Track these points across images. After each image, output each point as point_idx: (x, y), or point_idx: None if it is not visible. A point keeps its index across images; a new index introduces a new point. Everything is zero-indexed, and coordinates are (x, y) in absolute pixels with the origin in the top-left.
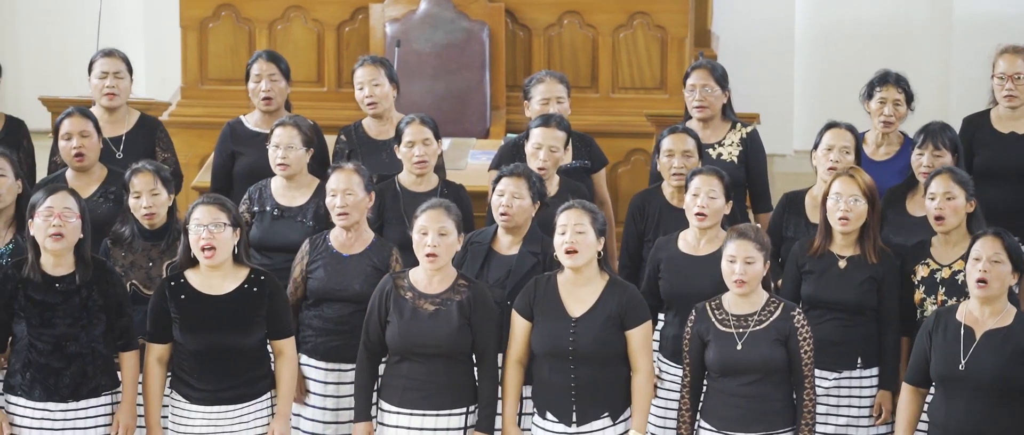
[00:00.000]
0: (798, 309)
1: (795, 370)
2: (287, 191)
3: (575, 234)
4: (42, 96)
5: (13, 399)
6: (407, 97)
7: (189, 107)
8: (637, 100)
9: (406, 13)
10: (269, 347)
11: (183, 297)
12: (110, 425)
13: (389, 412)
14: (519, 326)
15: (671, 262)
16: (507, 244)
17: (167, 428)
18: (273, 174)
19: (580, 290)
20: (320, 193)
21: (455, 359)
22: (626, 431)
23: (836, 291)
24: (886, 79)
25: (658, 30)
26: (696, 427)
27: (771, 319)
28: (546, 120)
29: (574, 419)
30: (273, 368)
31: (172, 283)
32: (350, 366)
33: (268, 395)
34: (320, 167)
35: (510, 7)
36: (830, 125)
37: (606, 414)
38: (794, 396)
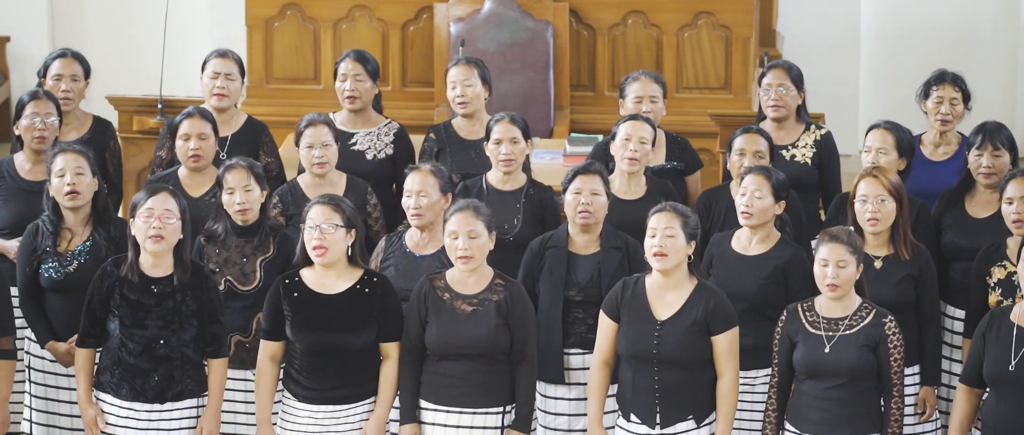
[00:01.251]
0: (890, 316)
1: (883, 377)
2: (320, 189)
3: (665, 237)
4: (109, 95)
5: (100, 395)
6: None
7: (254, 106)
8: (701, 100)
9: (471, 12)
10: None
11: (296, 295)
12: (194, 429)
13: (428, 409)
14: (606, 327)
15: (722, 259)
16: (584, 244)
17: (276, 424)
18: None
19: (668, 294)
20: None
21: (493, 358)
22: None
23: (874, 291)
24: (943, 78)
25: (723, 30)
26: (781, 429)
27: (861, 325)
28: (635, 116)
29: (658, 422)
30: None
31: (286, 281)
32: None
33: (375, 398)
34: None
35: (575, 6)
36: (872, 126)
37: (690, 417)
38: (882, 403)
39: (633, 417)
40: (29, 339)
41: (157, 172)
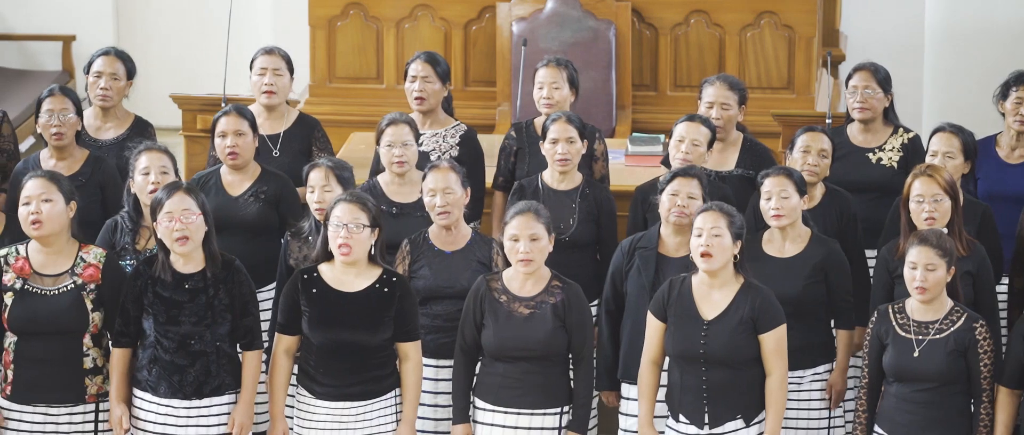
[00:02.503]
0: (982, 321)
1: (974, 381)
2: (400, 188)
3: (711, 237)
4: (173, 94)
5: (140, 394)
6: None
7: (317, 105)
8: (764, 100)
9: (533, 12)
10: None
11: (314, 291)
12: None
13: (484, 410)
14: (653, 327)
15: (759, 265)
16: (675, 246)
17: (291, 418)
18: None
19: (714, 293)
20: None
21: (550, 360)
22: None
23: (954, 293)
24: (1022, 79)
25: (786, 29)
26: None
27: (952, 329)
28: (692, 117)
29: (706, 422)
30: (398, 370)
31: (305, 276)
32: (452, 362)
33: (392, 394)
34: (472, 169)
35: (637, 6)
36: (937, 129)
37: (739, 417)
38: (972, 407)
39: (682, 417)
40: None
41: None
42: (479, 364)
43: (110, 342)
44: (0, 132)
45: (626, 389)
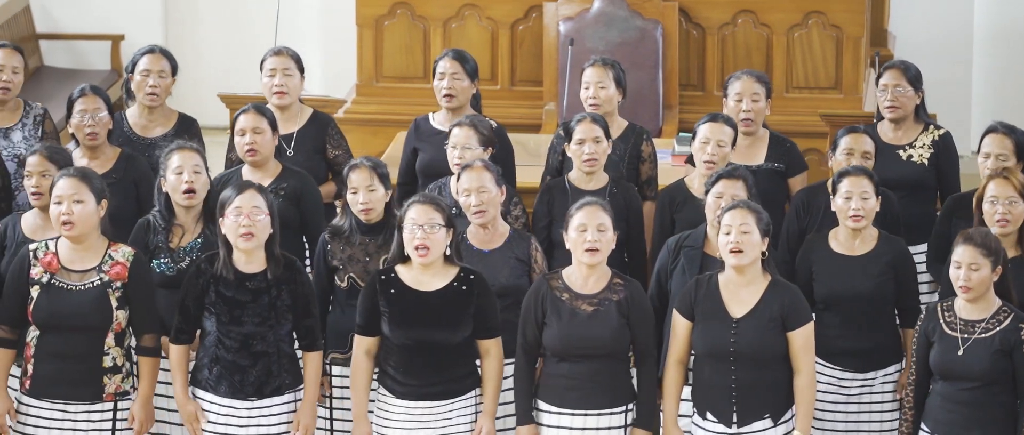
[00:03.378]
0: None
1: (1019, 381)
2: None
3: (740, 234)
4: (221, 93)
5: (199, 393)
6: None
7: (364, 104)
8: (811, 100)
9: (580, 11)
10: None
11: (393, 292)
12: (291, 422)
13: (548, 412)
14: (680, 326)
15: (825, 264)
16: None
17: (372, 421)
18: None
19: (742, 291)
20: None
21: (615, 358)
22: (788, 433)
23: (1004, 293)
24: None
25: (833, 29)
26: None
27: (998, 328)
28: (714, 117)
29: (735, 420)
30: (478, 370)
31: (383, 277)
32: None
33: (472, 393)
34: (503, 166)
35: (684, 5)
36: (989, 130)
37: (767, 415)
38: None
39: (709, 415)
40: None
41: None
42: (541, 364)
43: (155, 339)
44: (43, 129)
45: None
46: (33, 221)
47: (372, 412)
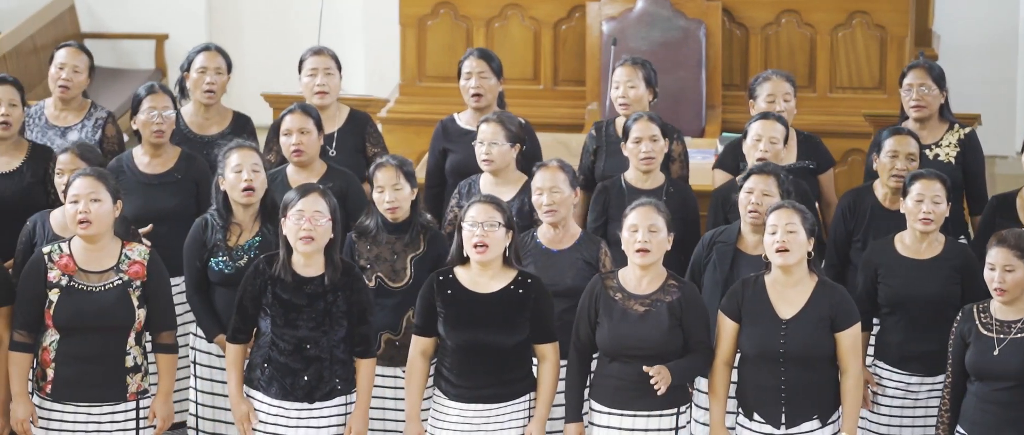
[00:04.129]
0: None
1: None
2: (495, 187)
3: (786, 233)
4: (264, 92)
5: (251, 392)
6: None
7: (407, 104)
8: (855, 100)
9: (623, 11)
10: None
11: (450, 293)
12: (342, 428)
13: (600, 412)
14: (726, 328)
15: (892, 267)
16: (754, 243)
17: (426, 422)
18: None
19: (789, 291)
20: (527, 190)
21: (666, 360)
22: (835, 434)
23: None
24: None
25: (878, 29)
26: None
27: None
28: (765, 115)
29: (783, 421)
30: (533, 373)
31: (440, 278)
32: (564, 361)
33: (526, 397)
34: (531, 163)
35: (727, 5)
36: None
37: (815, 417)
38: None
39: (757, 417)
40: (194, 334)
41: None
42: (594, 364)
43: (174, 336)
44: (105, 133)
45: (698, 382)
46: (62, 219)
47: (426, 409)
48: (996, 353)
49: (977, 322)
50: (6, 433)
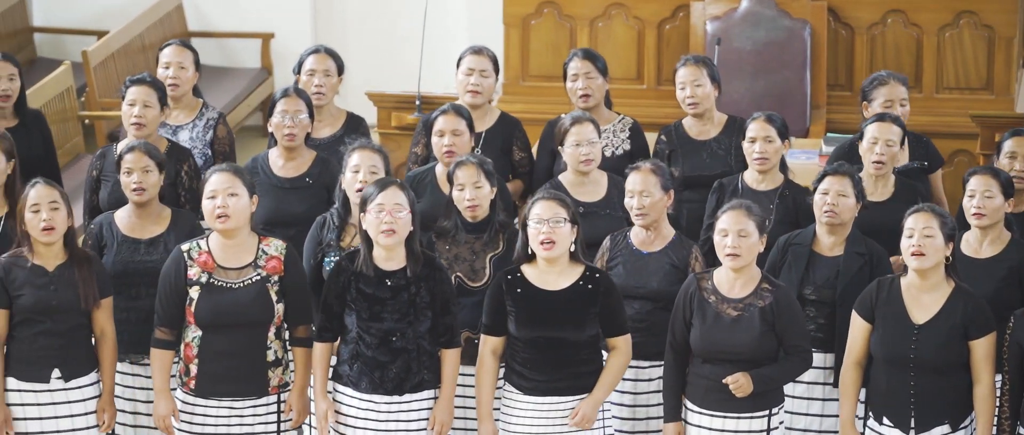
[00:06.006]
0: None
1: None
2: (582, 187)
3: (923, 237)
4: (369, 91)
5: (341, 388)
6: (727, 96)
7: (510, 103)
8: (962, 100)
9: (727, 11)
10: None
11: (519, 291)
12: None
13: (692, 411)
14: (859, 328)
15: (955, 266)
16: (829, 245)
17: (497, 420)
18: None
19: (924, 296)
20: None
21: (758, 364)
22: None
23: None
24: None
25: (985, 29)
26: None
27: None
28: (882, 116)
29: (912, 426)
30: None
31: (508, 276)
32: (647, 363)
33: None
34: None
35: (833, 5)
36: None
37: (946, 422)
38: None
39: (886, 420)
40: None
41: (413, 168)
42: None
43: (308, 331)
44: (216, 133)
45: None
46: (129, 218)
47: (497, 409)
48: None
49: None
50: (110, 428)
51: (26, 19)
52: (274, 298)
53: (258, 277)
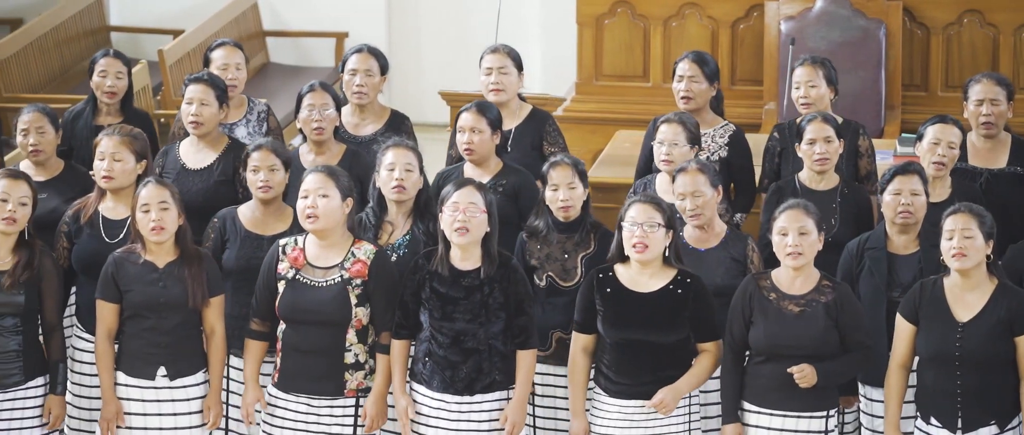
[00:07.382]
0: None
1: None
2: (665, 191)
3: (963, 238)
4: (442, 90)
5: (416, 386)
6: None
7: (583, 103)
8: None
9: (802, 11)
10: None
11: (609, 291)
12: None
13: (751, 411)
14: (903, 330)
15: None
16: (903, 244)
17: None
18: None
19: (968, 295)
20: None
21: (821, 359)
22: None
23: None
24: None
25: None
26: None
27: None
28: (942, 117)
29: (960, 426)
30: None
31: (600, 275)
32: None
33: (687, 395)
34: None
35: (908, 5)
36: None
37: (993, 422)
38: None
39: (933, 420)
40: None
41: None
42: (746, 364)
43: (390, 336)
44: (269, 125)
45: (867, 390)
46: (252, 214)
47: (588, 410)
48: None
49: None
50: (216, 426)
51: (103, 18)
52: (354, 301)
53: (340, 278)
